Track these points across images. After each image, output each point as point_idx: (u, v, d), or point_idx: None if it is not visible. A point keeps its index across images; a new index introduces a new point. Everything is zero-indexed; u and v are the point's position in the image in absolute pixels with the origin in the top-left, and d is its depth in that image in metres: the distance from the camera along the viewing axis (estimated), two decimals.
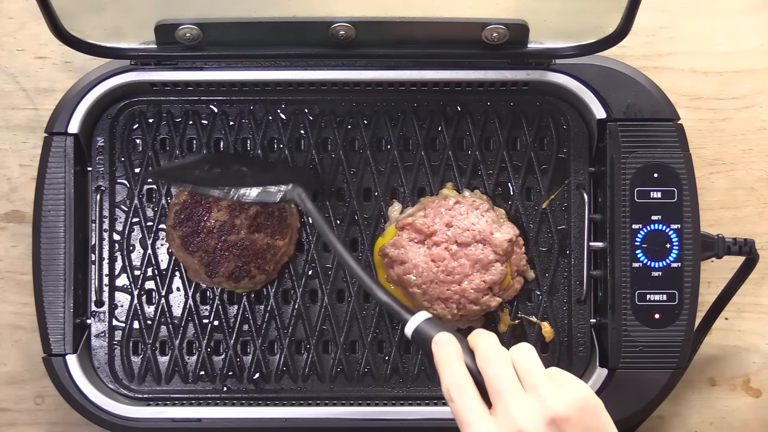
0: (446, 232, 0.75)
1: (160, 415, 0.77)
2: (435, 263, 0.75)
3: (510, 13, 0.71)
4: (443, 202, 0.76)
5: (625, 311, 0.75)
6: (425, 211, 0.76)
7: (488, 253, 0.75)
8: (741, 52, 0.83)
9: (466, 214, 0.76)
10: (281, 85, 0.79)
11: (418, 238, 0.76)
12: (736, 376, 0.83)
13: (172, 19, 0.71)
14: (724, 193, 0.83)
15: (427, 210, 0.76)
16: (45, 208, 0.77)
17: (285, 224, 0.78)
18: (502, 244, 0.75)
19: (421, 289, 0.75)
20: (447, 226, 0.75)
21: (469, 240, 0.75)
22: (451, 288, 0.75)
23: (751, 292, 0.82)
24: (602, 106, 0.77)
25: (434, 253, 0.75)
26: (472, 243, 0.75)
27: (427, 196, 0.79)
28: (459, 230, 0.75)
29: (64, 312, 0.77)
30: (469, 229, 0.75)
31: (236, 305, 0.80)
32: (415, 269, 0.75)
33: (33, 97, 0.83)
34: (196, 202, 0.77)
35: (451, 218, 0.76)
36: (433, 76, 0.77)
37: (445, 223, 0.75)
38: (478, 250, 0.75)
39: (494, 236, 0.75)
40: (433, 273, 0.75)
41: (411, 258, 0.75)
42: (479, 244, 0.75)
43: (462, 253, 0.75)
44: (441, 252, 0.75)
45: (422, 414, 0.76)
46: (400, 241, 0.76)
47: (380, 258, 0.77)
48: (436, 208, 0.76)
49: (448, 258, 0.75)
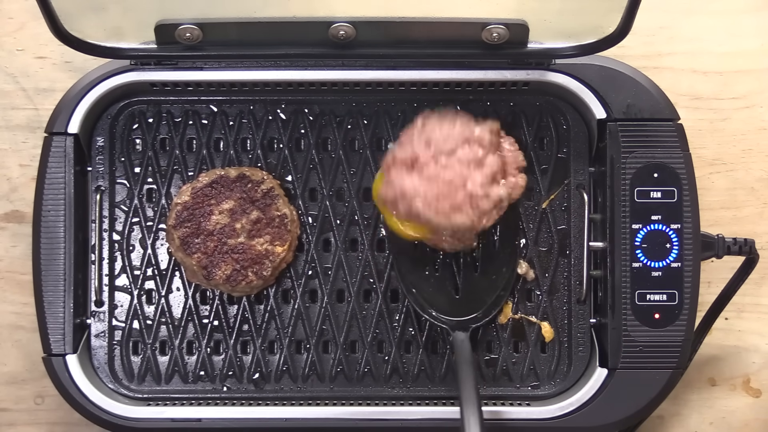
0: (428, 150, 0.74)
1: (160, 415, 0.77)
2: (432, 181, 0.73)
3: (510, 13, 0.71)
4: (412, 126, 0.75)
5: (625, 311, 0.75)
6: (400, 143, 0.75)
7: (476, 149, 0.73)
8: (741, 52, 0.83)
9: (439, 126, 0.74)
10: (281, 85, 0.79)
11: (405, 169, 0.74)
12: (736, 376, 0.83)
13: (172, 19, 0.71)
14: (724, 193, 0.83)
15: (402, 141, 0.75)
16: (45, 208, 0.77)
17: (285, 230, 0.78)
18: (484, 136, 0.74)
19: (432, 209, 0.73)
20: (426, 145, 0.74)
21: (453, 146, 0.73)
22: (458, 195, 0.73)
23: (751, 292, 0.82)
24: (602, 106, 0.77)
25: (427, 173, 0.73)
26: (457, 147, 0.73)
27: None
28: (440, 141, 0.73)
29: (64, 312, 0.77)
30: (448, 136, 0.74)
31: (236, 305, 0.80)
32: (417, 195, 0.73)
33: (33, 97, 0.83)
34: (198, 204, 0.77)
35: (427, 135, 0.74)
36: (433, 76, 0.77)
37: (423, 143, 0.74)
38: (466, 150, 0.73)
39: (475, 132, 0.74)
40: (435, 190, 0.73)
41: (408, 188, 0.73)
42: (465, 145, 0.74)
43: (453, 161, 0.73)
44: (432, 169, 0.73)
45: (422, 414, 0.76)
46: (390, 179, 0.74)
47: (384, 207, 0.76)
48: (409, 135, 0.75)
49: (441, 171, 0.73)
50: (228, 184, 0.78)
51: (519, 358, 0.80)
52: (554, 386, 0.79)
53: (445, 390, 0.79)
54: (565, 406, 0.76)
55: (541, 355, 0.80)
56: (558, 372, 0.79)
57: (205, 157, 0.80)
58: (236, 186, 0.78)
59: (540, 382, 0.79)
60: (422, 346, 0.80)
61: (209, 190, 0.78)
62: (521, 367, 0.80)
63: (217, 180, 0.78)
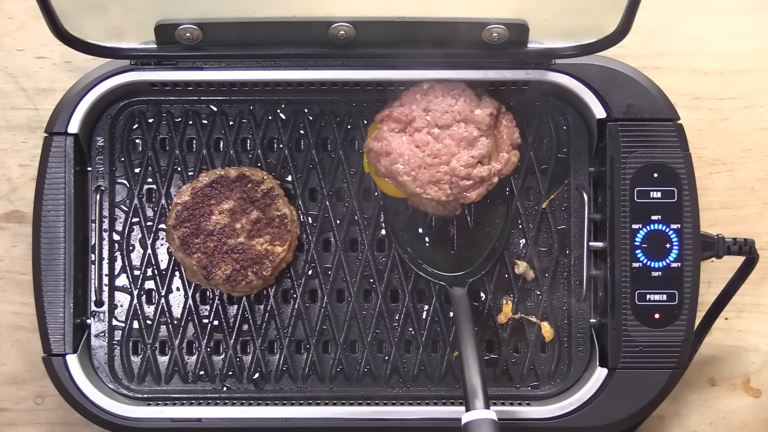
0: (425, 117, 0.75)
1: (160, 415, 0.77)
2: (420, 148, 0.75)
3: (510, 13, 0.71)
4: (417, 88, 0.76)
5: (625, 311, 0.75)
6: (401, 100, 0.76)
7: (471, 130, 0.75)
8: (741, 52, 0.83)
9: (442, 97, 0.75)
10: (281, 85, 0.79)
11: (398, 128, 0.76)
12: (736, 376, 0.83)
13: (172, 19, 0.71)
14: (724, 193, 0.83)
15: (403, 99, 0.76)
16: (45, 208, 0.77)
17: (285, 230, 0.78)
18: (483, 119, 0.75)
19: (410, 176, 0.75)
20: (425, 111, 0.75)
21: (450, 121, 0.75)
22: (440, 169, 0.75)
23: (751, 292, 0.82)
24: (602, 106, 0.77)
25: (417, 138, 0.75)
26: (453, 123, 0.75)
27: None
28: (438, 113, 0.75)
29: (64, 312, 0.77)
30: (447, 111, 0.75)
31: (236, 305, 0.80)
32: (401, 158, 0.75)
33: (33, 97, 0.83)
34: (198, 204, 0.77)
35: (428, 103, 0.75)
36: (433, 76, 0.77)
37: (422, 109, 0.75)
38: (461, 128, 0.75)
39: (475, 113, 0.75)
40: (420, 158, 0.75)
41: (395, 148, 0.75)
42: (461, 123, 0.75)
43: (445, 134, 0.75)
44: (423, 137, 0.75)
45: (422, 414, 0.76)
46: (381, 133, 0.76)
47: (369, 159, 0.78)
48: (412, 95, 0.76)
49: (431, 141, 0.75)
50: (228, 184, 0.78)
51: (519, 358, 0.80)
52: (554, 386, 0.79)
53: (445, 390, 0.79)
54: (565, 406, 0.76)
55: (541, 355, 0.80)
56: (558, 372, 0.79)
57: (205, 157, 0.80)
58: (236, 186, 0.78)
59: (540, 382, 0.79)
60: (422, 346, 0.80)
61: (209, 190, 0.78)
62: (521, 367, 0.80)
63: (217, 180, 0.78)
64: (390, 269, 0.80)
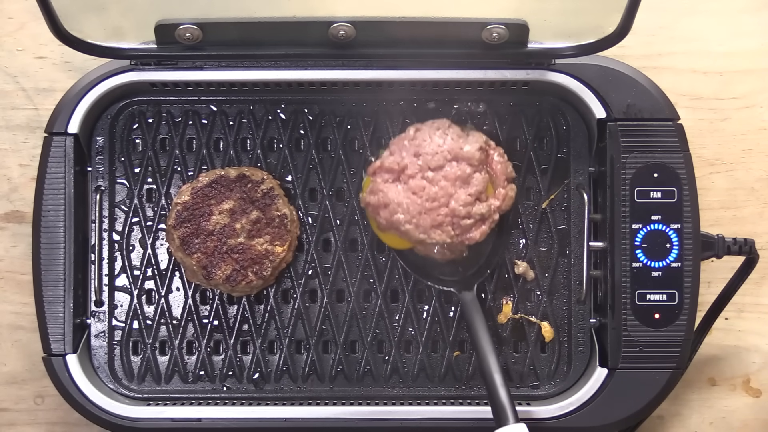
0: (417, 163, 0.75)
1: (160, 415, 0.77)
2: (417, 195, 0.75)
3: (510, 13, 0.71)
4: (404, 135, 0.76)
5: (625, 311, 0.75)
6: (390, 149, 0.76)
7: (464, 167, 0.75)
8: (741, 52, 0.83)
9: (429, 139, 0.75)
10: (281, 85, 0.79)
11: (392, 178, 0.75)
12: (736, 376, 0.83)
13: (172, 19, 0.71)
14: (724, 193, 0.83)
15: (392, 147, 0.76)
16: (45, 208, 0.77)
17: (285, 230, 0.78)
18: (473, 155, 0.75)
19: (412, 224, 0.75)
20: (416, 156, 0.75)
21: (441, 162, 0.75)
22: (440, 212, 0.75)
23: (751, 292, 0.82)
24: (602, 106, 0.77)
25: (412, 185, 0.75)
26: (445, 164, 0.75)
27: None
28: (428, 156, 0.75)
29: (64, 312, 0.77)
30: (437, 152, 0.75)
31: (236, 305, 0.80)
32: (400, 207, 0.75)
33: (33, 97, 0.83)
34: (198, 203, 0.77)
35: (417, 147, 0.75)
36: (433, 76, 0.77)
37: (412, 154, 0.75)
38: (453, 168, 0.75)
39: (464, 150, 0.75)
40: (418, 204, 0.74)
41: (392, 198, 0.75)
42: (452, 162, 0.75)
43: (439, 177, 0.75)
44: (419, 182, 0.75)
45: (422, 414, 0.76)
46: (375, 186, 0.76)
47: (368, 212, 0.78)
48: (399, 142, 0.76)
49: (427, 185, 0.75)
50: (228, 184, 0.78)
51: (519, 358, 0.80)
52: (554, 386, 0.79)
53: (445, 390, 0.79)
54: (565, 406, 0.76)
55: (541, 355, 0.80)
56: (558, 372, 0.79)
57: (205, 157, 0.80)
58: (236, 186, 0.78)
59: (540, 382, 0.79)
60: (422, 346, 0.80)
61: (209, 190, 0.78)
62: (521, 367, 0.80)
63: (217, 180, 0.78)
64: (390, 269, 0.80)
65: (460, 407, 0.77)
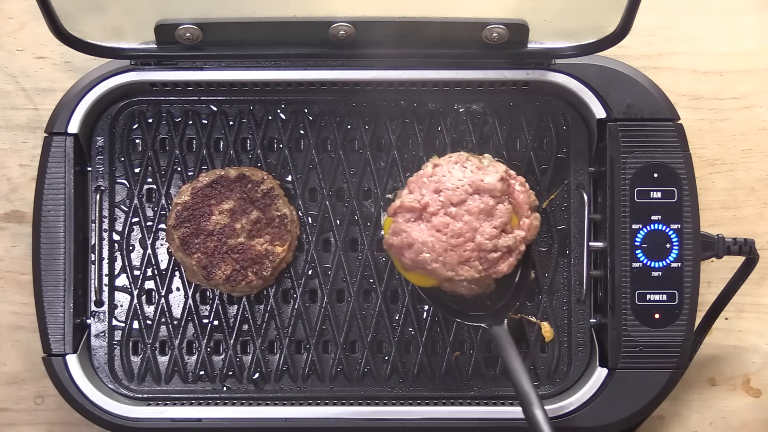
0: (438, 199, 0.74)
1: (160, 415, 0.77)
2: (441, 232, 0.73)
3: (510, 13, 0.71)
4: (422, 172, 0.75)
5: (625, 311, 0.75)
6: (409, 188, 0.75)
7: (487, 200, 0.74)
8: (741, 52, 0.83)
9: (449, 174, 0.74)
10: (281, 85, 0.79)
11: (413, 217, 0.74)
12: (736, 376, 0.83)
13: (172, 19, 0.71)
14: (724, 193, 0.83)
15: (411, 186, 0.75)
16: (45, 208, 0.77)
17: (285, 230, 0.78)
18: (495, 186, 0.74)
19: (438, 262, 0.73)
20: (436, 193, 0.74)
21: (463, 196, 0.74)
22: (466, 248, 0.73)
23: (751, 292, 0.82)
24: (602, 106, 0.77)
25: (436, 223, 0.73)
26: (467, 197, 0.74)
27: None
28: (449, 191, 0.74)
29: (64, 312, 0.77)
30: (458, 187, 0.74)
31: (236, 305, 0.80)
32: (425, 246, 0.73)
33: (33, 97, 0.83)
34: (198, 204, 0.77)
35: (437, 183, 0.74)
36: (433, 76, 0.77)
37: (433, 191, 0.74)
38: (476, 201, 0.74)
39: (485, 182, 0.74)
40: (444, 242, 0.73)
41: (416, 238, 0.74)
42: (474, 195, 0.74)
43: (462, 211, 0.73)
44: (442, 219, 0.73)
45: (422, 414, 0.76)
46: (398, 226, 0.74)
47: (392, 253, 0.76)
48: (419, 180, 0.75)
49: (451, 222, 0.73)
50: (228, 184, 0.78)
51: None
52: (554, 386, 0.79)
53: (445, 390, 0.79)
54: (565, 406, 0.76)
55: (541, 355, 0.80)
56: (558, 372, 0.79)
57: (205, 157, 0.80)
58: (236, 186, 0.78)
59: (540, 382, 0.79)
60: (422, 346, 0.80)
61: (209, 190, 0.78)
62: None
63: (217, 180, 0.78)
64: (390, 269, 0.80)
65: (461, 407, 0.77)
